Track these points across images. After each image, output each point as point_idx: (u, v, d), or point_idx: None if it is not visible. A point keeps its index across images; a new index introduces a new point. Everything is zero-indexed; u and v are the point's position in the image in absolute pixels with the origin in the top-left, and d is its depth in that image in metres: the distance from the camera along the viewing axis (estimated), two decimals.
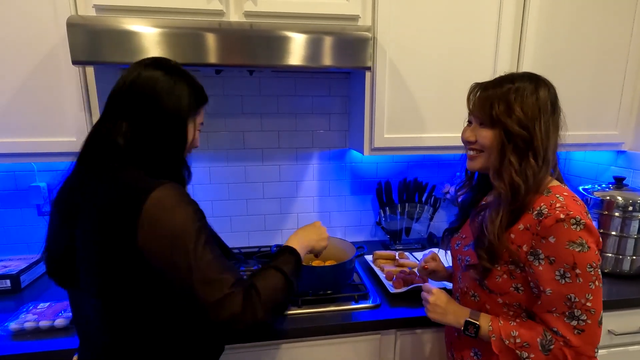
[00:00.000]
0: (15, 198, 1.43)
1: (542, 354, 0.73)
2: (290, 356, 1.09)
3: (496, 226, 0.77)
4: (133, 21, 1.00)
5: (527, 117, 0.76)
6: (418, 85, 1.30)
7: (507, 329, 0.77)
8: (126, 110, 0.72)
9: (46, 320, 1.01)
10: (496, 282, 0.80)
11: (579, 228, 0.70)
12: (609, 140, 1.47)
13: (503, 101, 0.78)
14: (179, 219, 0.64)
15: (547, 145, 0.77)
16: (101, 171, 0.70)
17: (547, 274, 0.72)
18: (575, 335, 0.71)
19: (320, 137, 1.59)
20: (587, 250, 0.70)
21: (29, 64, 1.09)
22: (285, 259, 0.79)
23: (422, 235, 1.68)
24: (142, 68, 0.74)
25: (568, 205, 0.72)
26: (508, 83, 0.79)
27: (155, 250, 0.63)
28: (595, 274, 0.71)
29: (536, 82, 0.80)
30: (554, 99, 0.80)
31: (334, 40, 1.08)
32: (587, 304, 0.70)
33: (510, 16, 1.29)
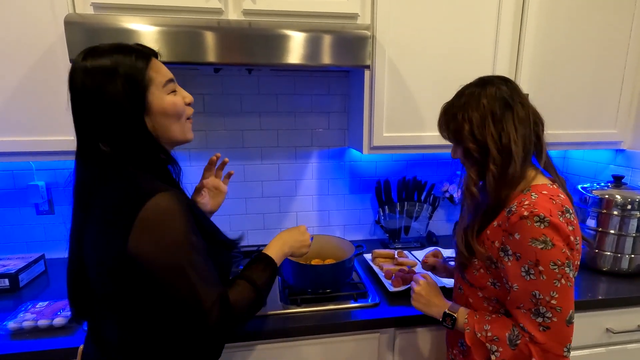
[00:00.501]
0: (13, 197, 1.42)
1: (509, 349, 0.74)
2: (289, 355, 1.09)
3: (467, 232, 0.82)
4: (131, 19, 1.00)
5: (476, 129, 0.79)
6: (417, 83, 1.30)
7: (480, 323, 0.80)
8: (82, 117, 0.68)
9: (45, 320, 1.01)
10: (474, 275, 0.83)
11: (543, 226, 0.70)
12: (607, 139, 1.47)
13: (454, 121, 0.82)
14: (172, 228, 0.64)
15: (507, 144, 0.77)
16: (103, 172, 0.70)
17: (514, 270, 0.74)
18: (540, 332, 0.72)
19: (319, 135, 1.59)
20: (551, 247, 0.70)
21: (26, 62, 1.08)
22: (260, 271, 0.79)
23: (421, 234, 1.68)
24: (72, 69, 0.67)
25: (536, 203, 0.73)
26: (457, 98, 0.84)
27: (145, 256, 0.63)
28: (561, 272, 0.70)
29: (482, 87, 0.81)
30: (508, 95, 0.79)
31: (333, 39, 1.08)
32: (551, 302, 0.71)
33: (509, 15, 1.29)
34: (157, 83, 0.70)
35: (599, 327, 1.23)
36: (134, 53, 0.68)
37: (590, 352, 1.25)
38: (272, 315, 1.09)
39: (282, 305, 1.13)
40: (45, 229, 1.47)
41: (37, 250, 1.46)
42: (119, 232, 0.63)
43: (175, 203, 0.65)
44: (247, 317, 0.75)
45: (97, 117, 0.67)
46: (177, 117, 0.73)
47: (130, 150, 0.69)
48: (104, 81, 0.65)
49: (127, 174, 0.69)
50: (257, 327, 1.04)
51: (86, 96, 0.66)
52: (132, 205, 0.63)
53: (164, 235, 0.64)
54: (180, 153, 1.48)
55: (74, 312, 0.79)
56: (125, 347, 0.72)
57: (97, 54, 0.67)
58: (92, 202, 0.70)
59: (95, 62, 0.66)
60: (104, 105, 0.65)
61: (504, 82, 0.82)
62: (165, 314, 0.69)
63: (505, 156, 0.78)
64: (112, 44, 0.70)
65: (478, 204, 0.82)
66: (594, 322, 1.23)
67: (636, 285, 1.28)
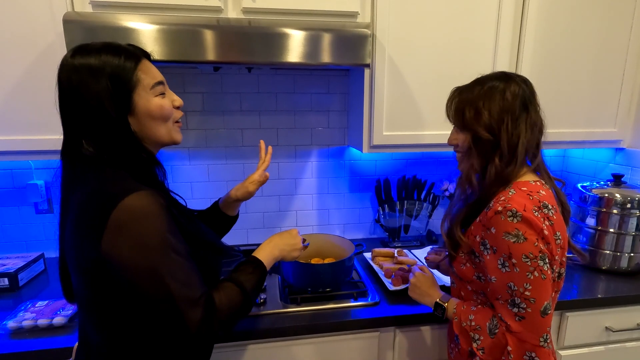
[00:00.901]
0: (12, 196, 1.42)
1: (489, 337, 0.78)
2: (289, 354, 1.09)
3: (452, 222, 0.85)
4: (130, 18, 0.99)
5: (494, 121, 0.80)
6: (417, 82, 1.30)
7: (466, 313, 0.84)
8: (67, 116, 0.68)
9: (44, 319, 1.01)
10: (462, 269, 0.86)
11: (515, 220, 0.73)
12: (607, 138, 1.47)
13: (473, 107, 0.82)
14: (146, 229, 0.62)
15: (516, 144, 0.80)
16: (84, 171, 0.68)
17: (492, 263, 0.77)
18: (516, 322, 0.74)
19: (319, 134, 1.58)
20: (523, 241, 0.72)
21: (25, 60, 1.08)
22: (249, 274, 0.78)
23: (421, 233, 1.68)
24: (60, 66, 0.68)
25: (511, 199, 0.75)
26: (479, 86, 0.83)
27: (118, 258, 0.62)
28: (534, 264, 0.72)
29: (506, 81, 0.82)
30: (528, 97, 0.82)
31: (332, 37, 1.07)
32: (525, 293, 0.73)
33: (509, 13, 1.29)
34: (144, 85, 0.69)
35: (598, 325, 1.24)
36: (123, 53, 0.68)
37: (590, 351, 1.25)
38: (271, 314, 1.09)
39: (282, 305, 1.13)
40: (44, 228, 1.47)
41: (37, 250, 1.46)
42: (93, 234, 0.62)
43: (150, 203, 0.63)
44: (233, 320, 0.73)
45: (81, 115, 0.66)
46: (163, 120, 0.72)
47: (112, 150, 0.68)
48: (90, 79, 0.64)
49: (104, 175, 0.67)
50: (256, 326, 1.04)
51: (71, 93, 0.66)
52: (104, 206, 0.61)
53: (138, 236, 0.61)
54: (179, 152, 1.49)
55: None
56: (105, 349, 0.70)
57: (85, 52, 0.66)
58: (71, 201, 0.69)
59: (82, 60, 0.65)
60: (88, 103, 0.65)
61: (525, 82, 0.83)
62: (143, 317, 0.67)
63: (511, 155, 0.80)
64: (103, 42, 0.69)
65: (469, 195, 0.85)
66: (593, 320, 1.23)
67: (635, 284, 1.28)
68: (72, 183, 0.70)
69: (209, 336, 0.67)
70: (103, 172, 0.67)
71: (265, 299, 1.15)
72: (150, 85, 0.70)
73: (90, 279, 0.66)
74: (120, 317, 0.68)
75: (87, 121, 0.66)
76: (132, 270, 0.62)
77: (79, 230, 0.65)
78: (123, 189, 0.63)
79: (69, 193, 0.70)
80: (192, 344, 0.69)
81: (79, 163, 0.69)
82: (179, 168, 1.51)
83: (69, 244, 0.69)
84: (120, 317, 0.68)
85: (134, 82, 0.68)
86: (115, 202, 0.61)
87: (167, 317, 0.64)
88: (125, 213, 0.61)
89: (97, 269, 0.63)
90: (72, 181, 0.70)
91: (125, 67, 0.67)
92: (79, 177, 0.68)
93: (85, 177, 0.68)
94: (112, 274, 0.63)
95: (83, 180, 0.68)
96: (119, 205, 0.61)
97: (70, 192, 0.70)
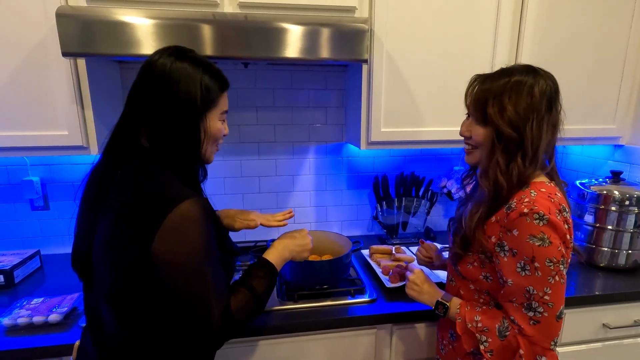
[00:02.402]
0: (7, 192, 1.41)
1: (498, 339, 0.76)
2: (286, 351, 1.09)
3: (474, 220, 0.80)
4: (125, 12, 0.98)
5: (519, 118, 0.76)
6: (415, 78, 1.29)
7: (471, 314, 0.81)
8: (144, 102, 0.72)
9: (40, 316, 1.01)
10: (467, 268, 0.84)
11: (542, 223, 0.71)
12: (606, 135, 1.47)
13: (497, 100, 0.77)
14: (197, 234, 0.67)
15: (539, 145, 0.77)
16: (129, 170, 0.72)
17: (510, 266, 0.75)
18: (530, 326, 0.73)
19: (316, 130, 1.57)
20: (548, 245, 0.71)
21: (17, 55, 1.06)
22: (260, 278, 0.81)
23: (419, 230, 1.68)
24: (157, 56, 0.73)
25: (536, 200, 0.73)
26: (505, 77, 0.78)
27: (168, 258, 0.66)
28: (556, 269, 0.71)
29: (534, 76, 0.77)
30: (553, 95, 0.78)
31: (330, 32, 1.06)
32: (544, 297, 0.72)
33: (508, 8, 1.28)
34: (219, 108, 0.78)
35: (595, 322, 1.24)
36: (218, 75, 0.77)
37: (587, 347, 1.26)
38: (269, 311, 1.09)
39: (279, 302, 1.12)
40: (40, 224, 1.46)
41: (33, 246, 1.45)
42: (143, 234, 0.65)
43: (201, 210, 0.68)
44: (245, 323, 0.77)
45: (159, 107, 0.71)
46: (215, 141, 0.80)
47: (174, 151, 0.72)
48: (188, 79, 0.71)
49: (157, 176, 0.71)
50: (255, 323, 1.04)
51: (163, 85, 0.70)
52: (160, 209, 0.65)
53: (188, 241, 0.66)
54: None
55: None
56: (125, 338, 0.72)
57: (189, 58, 0.73)
58: (111, 197, 0.71)
59: (186, 63, 0.72)
60: (176, 96, 0.70)
61: (552, 80, 0.80)
62: (170, 316, 0.70)
63: (534, 155, 0.77)
64: (204, 57, 0.78)
65: (482, 194, 0.81)
66: (591, 317, 1.23)
67: (633, 281, 1.28)
68: (112, 178, 0.72)
69: (224, 338, 0.74)
70: (155, 172, 0.71)
71: None
72: (222, 111, 0.79)
73: (129, 274, 0.68)
74: (148, 311, 0.71)
75: (162, 114, 0.71)
76: (178, 273, 0.66)
77: (127, 229, 0.67)
78: (178, 194, 0.67)
79: (106, 188, 0.72)
80: (208, 344, 0.74)
81: (129, 158, 0.72)
82: None
83: (101, 239, 0.70)
84: (149, 311, 0.71)
85: (215, 103, 0.76)
86: (171, 207, 0.65)
87: (196, 319, 0.68)
88: (180, 217, 0.65)
89: (140, 266, 0.66)
90: (111, 176, 0.72)
91: (215, 88, 0.75)
92: (126, 178, 0.71)
93: (134, 175, 0.71)
94: (156, 271, 0.66)
95: (131, 177, 0.71)
96: (174, 210, 0.65)
97: (107, 187, 0.72)
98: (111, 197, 0.71)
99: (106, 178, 0.73)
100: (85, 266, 0.76)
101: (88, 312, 0.79)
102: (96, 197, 0.74)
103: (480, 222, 0.80)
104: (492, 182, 0.79)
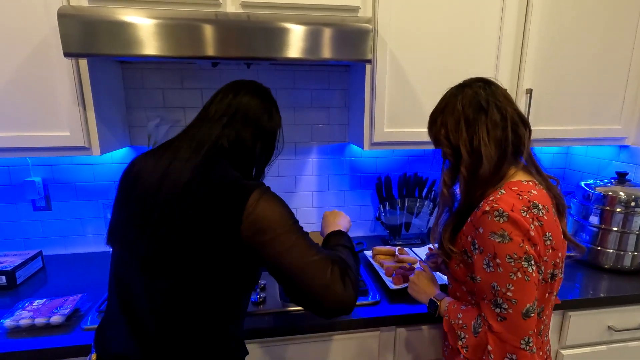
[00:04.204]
0: (9, 193, 1.41)
1: (473, 336, 0.78)
2: (289, 353, 1.08)
3: (448, 230, 0.86)
4: (127, 12, 0.97)
5: (451, 133, 0.83)
6: (419, 78, 1.28)
7: (456, 311, 0.85)
8: (231, 124, 0.81)
9: (42, 317, 1.00)
10: (456, 270, 0.86)
11: (502, 220, 0.73)
12: (612, 135, 1.45)
13: (434, 125, 0.87)
14: (279, 212, 0.72)
15: (478, 147, 0.79)
16: (201, 162, 0.74)
17: (479, 263, 0.77)
18: (497, 322, 0.74)
19: (319, 131, 1.57)
20: (509, 241, 0.72)
21: (19, 56, 1.06)
22: (340, 238, 0.87)
23: (422, 231, 1.67)
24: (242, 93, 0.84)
25: (500, 198, 0.75)
26: (440, 102, 0.88)
27: (258, 241, 0.70)
28: (517, 265, 0.71)
29: (460, 91, 0.84)
30: (484, 99, 0.81)
31: (333, 32, 1.05)
32: (507, 294, 0.72)
33: (513, 8, 1.27)
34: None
35: (600, 324, 1.23)
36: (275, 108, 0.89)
37: (592, 350, 1.25)
38: (271, 313, 1.08)
39: (281, 303, 1.12)
40: (42, 225, 1.46)
41: (35, 247, 1.45)
42: (228, 220, 0.69)
43: (274, 194, 0.76)
44: (357, 277, 0.78)
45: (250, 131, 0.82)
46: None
47: (256, 161, 0.85)
48: (274, 113, 0.87)
49: (225, 169, 0.76)
50: (256, 325, 1.03)
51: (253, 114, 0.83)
52: (239, 195, 0.71)
53: (275, 218, 0.71)
54: None
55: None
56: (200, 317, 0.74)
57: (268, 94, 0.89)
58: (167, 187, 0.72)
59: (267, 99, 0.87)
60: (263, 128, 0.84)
61: (483, 86, 0.83)
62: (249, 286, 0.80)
63: (476, 158, 0.80)
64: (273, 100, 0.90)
65: (451, 206, 0.87)
66: (596, 319, 1.22)
67: (638, 283, 1.27)
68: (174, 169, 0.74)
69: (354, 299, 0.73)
70: (223, 166, 0.76)
71: (264, 298, 1.14)
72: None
73: (217, 263, 0.71)
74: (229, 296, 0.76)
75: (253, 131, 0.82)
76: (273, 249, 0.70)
77: (209, 219, 0.70)
78: (250, 182, 0.74)
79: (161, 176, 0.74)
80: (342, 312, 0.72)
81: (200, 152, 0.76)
82: None
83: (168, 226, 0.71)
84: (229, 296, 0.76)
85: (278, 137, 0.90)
86: (248, 193, 0.71)
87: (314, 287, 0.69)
88: (259, 201, 0.71)
89: (230, 253, 0.71)
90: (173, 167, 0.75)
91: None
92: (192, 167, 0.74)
93: (202, 168, 0.74)
94: (246, 255, 0.71)
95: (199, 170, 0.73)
96: (252, 195, 0.71)
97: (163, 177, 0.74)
98: (183, 189, 0.71)
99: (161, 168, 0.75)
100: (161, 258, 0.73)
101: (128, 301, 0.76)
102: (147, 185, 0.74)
103: (445, 233, 0.86)
104: (442, 198, 0.87)
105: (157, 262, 0.72)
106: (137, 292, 0.75)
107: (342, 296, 0.70)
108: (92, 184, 1.46)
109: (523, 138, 0.82)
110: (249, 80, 0.89)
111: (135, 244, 0.74)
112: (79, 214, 1.47)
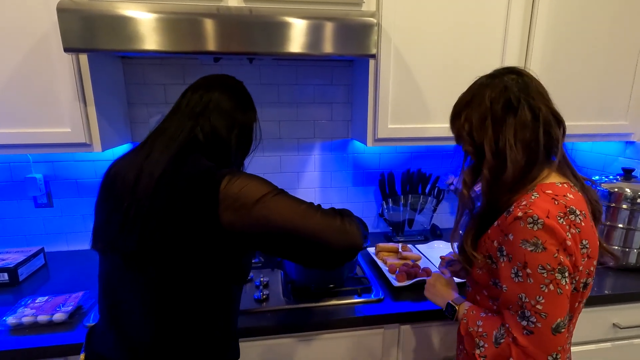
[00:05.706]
0: (11, 190, 1.40)
1: (493, 346, 0.73)
2: (293, 350, 1.08)
3: (470, 235, 0.81)
4: (128, 6, 0.96)
5: (475, 131, 0.77)
6: (424, 73, 1.26)
7: (475, 318, 0.79)
8: (204, 116, 0.80)
9: (44, 315, 1.00)
10: (478, 274, 0.82)
11: (536, 227, 0.67)
12: (618, 131, 1.44)
13: (457, 120, 0.81)
14: (255, 183, 0.72)
15: (503, 148, 0.73)
16: (174, 155, 0.74)
17: (506, 271, 0.71)
18: (523, 336, 0.68)
19: (322, 127, 1.55)
20: (542, 251, 0.66)
21: (18, 51, 1.04)
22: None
23: (425, 227, 1.66)
24: (213, 88, 0.83)
25: (533, 203, 0.69)
26: (467, 93, 0.81)
27: (245, 222, 0.69)
28: (550, 277, 0.66)
29: (490, 82, 0.77)
30: (514, 95, 0.74)
31: (336, 26, 1.04)
32: (537, 307, 0.67)
33: (520, 2, 1.24)
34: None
35: (605, 322, 1.22)
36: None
37: (597, 347, 1.24)
38: (275, 310, 1.08)
39: (285, 301, 1.11)
40: (44, 222, 1.45)
41: (36, 244, 1.44)
42: (204, 208, 0.69)
43: (246, 173, 0.75)
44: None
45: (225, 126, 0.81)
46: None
47: (232, 154, 0.83)
48: (248, 105, 0.88)
49: (200, 159, 0.75)
50: (259, 322, 1.03)
51: (233, 98, 0.84)
52: (211, 181, 0.70)
53: (253, 192, 0.70)
54: None
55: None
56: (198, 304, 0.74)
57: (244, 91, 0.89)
58: (149, 183, 0.71)
59: (235, 91, 0.86)
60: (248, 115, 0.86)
61: (516, 79, 0.75)
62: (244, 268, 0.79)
63: (500, 161, 0.74)
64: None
65: (472, 208, 0.82)
66: (601, 317, 1.21)
67: None
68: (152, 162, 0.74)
69: (363, 239, 0.74)
70: (198, 157, 0.75)
71: (267, 295, 1.13)
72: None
73: (201, 251, 0.71)
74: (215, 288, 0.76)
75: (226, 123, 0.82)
76: (264, 223, 0.69)
77: (186, 209, 0.69)
78: (220, 169, 0.73)
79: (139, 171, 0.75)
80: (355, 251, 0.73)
81: (176, 146, 0.76)
82: None
83: (152, 217, 0.71)
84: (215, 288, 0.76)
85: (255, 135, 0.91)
86: (220, 178, 0.70)
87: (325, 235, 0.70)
88: (231, 183, 0.70)
89: (213, 240, 0.70)
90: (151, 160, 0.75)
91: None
92: (168, 160, 0.73)
93: (178, 160, 0.74)
94: (234, 240, 0.70)
95: (174, 162, 0.73)
96: (224, 180, 0.70)
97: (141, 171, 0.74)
98: (159, 183, 0.71)
99: (140, 163, 0.75)
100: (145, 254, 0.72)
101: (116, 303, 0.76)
102: (126, 183, 0.74)
103: (468, 238, 0.81)
104: (461, 200, 0.81)
105: (140, 256, 0.71)
106: (124, 292, 0.75)
107: (348, 232, 0.69)
108: (94, 181, 1.45)
109: (557, 139, 0.75)
110: (221, 75, 0.88)
111: (117, 241, 0.73)
112: (80, 210, 1.47)
